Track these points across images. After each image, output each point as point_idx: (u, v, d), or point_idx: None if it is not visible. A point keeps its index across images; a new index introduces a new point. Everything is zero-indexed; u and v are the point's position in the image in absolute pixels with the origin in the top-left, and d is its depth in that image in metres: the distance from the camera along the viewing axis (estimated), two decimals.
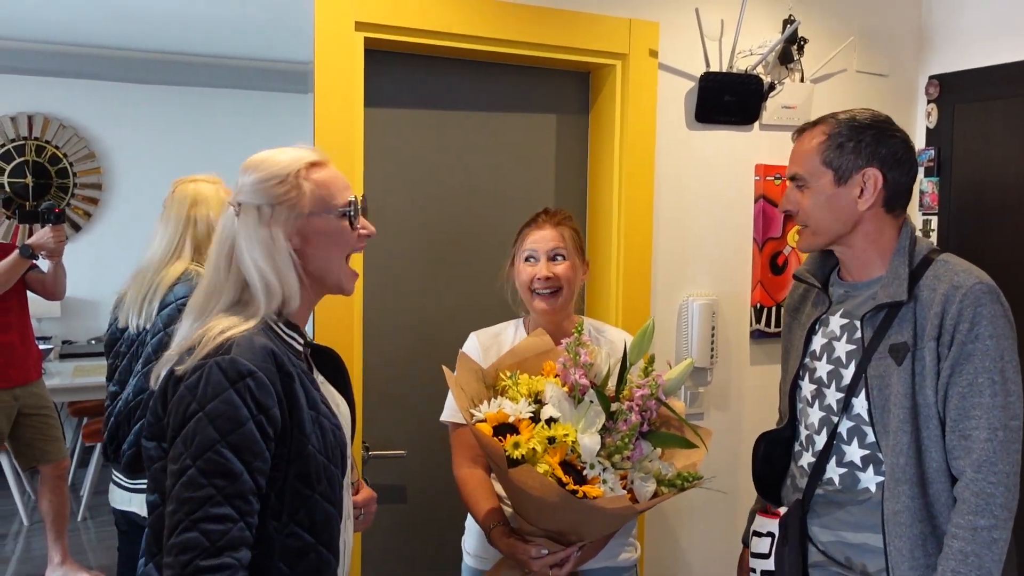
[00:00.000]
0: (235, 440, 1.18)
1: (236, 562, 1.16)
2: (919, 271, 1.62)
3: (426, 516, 2.41)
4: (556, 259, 1.88)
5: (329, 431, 1.32)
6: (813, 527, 1.71)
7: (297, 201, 1.32)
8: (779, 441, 1.82)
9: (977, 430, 1.51)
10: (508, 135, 2.48)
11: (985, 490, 1.49)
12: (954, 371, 1.54)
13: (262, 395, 1.21)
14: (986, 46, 2.69)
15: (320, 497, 1.28)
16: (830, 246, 1.73)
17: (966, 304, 1.53)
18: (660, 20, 2.45)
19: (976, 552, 1.48)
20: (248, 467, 1.19)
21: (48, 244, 3.51)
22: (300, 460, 1.26)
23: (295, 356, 1.34)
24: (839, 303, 1.74)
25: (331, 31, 2.07)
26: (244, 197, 1.33)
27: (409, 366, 2.36)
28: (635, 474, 1.62)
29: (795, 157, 1.73)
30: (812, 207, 1.68)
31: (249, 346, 1.24)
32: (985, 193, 2.71)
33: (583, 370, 1.61)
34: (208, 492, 1.16)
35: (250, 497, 1.19)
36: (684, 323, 2.56)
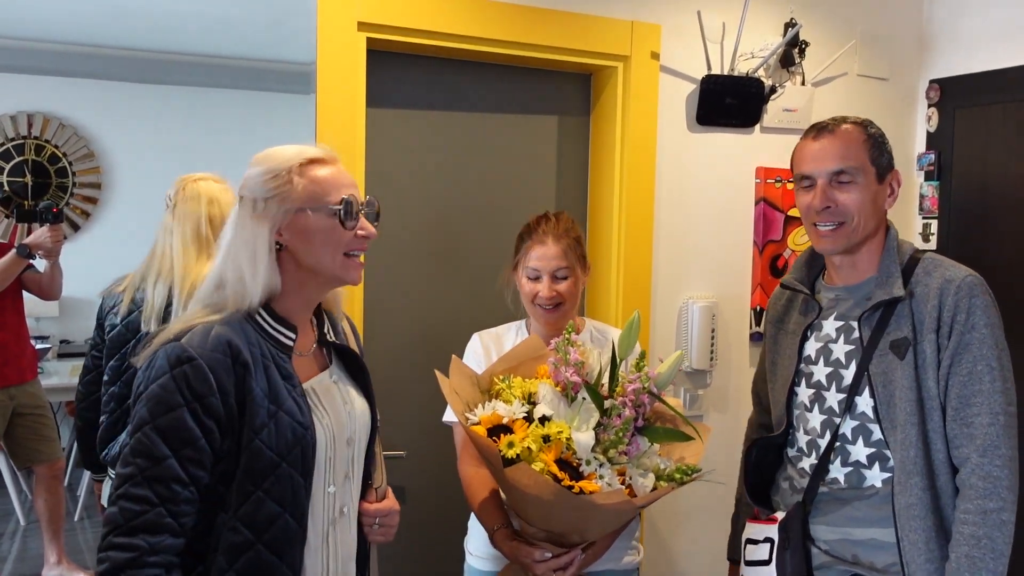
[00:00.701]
0: (163, 424, 1.20)
1: (147, 546, 1.17)
2: (908, 269, 1.67)
3: (426, 516, 2.41)
4: (558, 279, 1.88)
5: (288, 428, 1.29)
6: (816, 527, 1.71)
7: (287, 196, 1.33)
8: (771, 448, 1.83)
9: (979, 416, 1.54)
10: (510, 136, 2.48)
11: (992, 473, 1.52)
12: (954, 360, 1.58)
13: (198, 383, 1.22)
14: (986, 51, 2.70)
15: (265, 495, 1.26)
16: (852, 247, 1.71)
17: (961, 296, 1.58)
18: (662, 22, 2.45)
19: (988, 535, 1.50)
20: (176, 453, 1.20)
21: (46, 244, 3.49)
22: (248, 454, 1.25)
23: (278, 348, 1.33)
24: (830, 307, 1.76)
25: (333, 31, 2.07)
26: (245, 191, 1.36)
27: (409, 366, 2.36)
28: (633, 470, 1.62)
29: (836, 152, 1.68)
30: (859, 202, 1.66)
31: (203, 335, 1.25)
32: (985, 197, 2.72)
33: (574, 368, 1.62)
34: (131, 471, 1.19)
35: (173, 485, 1.19)
36: (684, 325, 2.56)
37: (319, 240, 1.35)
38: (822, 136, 1.71)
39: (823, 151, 1.69)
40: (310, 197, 1.34)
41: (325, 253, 1.36)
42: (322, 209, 1.34)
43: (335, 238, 1.35)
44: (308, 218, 1.34)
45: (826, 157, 1.68)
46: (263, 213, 1.33)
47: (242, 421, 1.25)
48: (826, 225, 1.69)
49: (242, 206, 1.35)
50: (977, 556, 1.50)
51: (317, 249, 1.35)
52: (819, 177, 1.69)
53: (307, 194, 1.34)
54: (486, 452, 1.57)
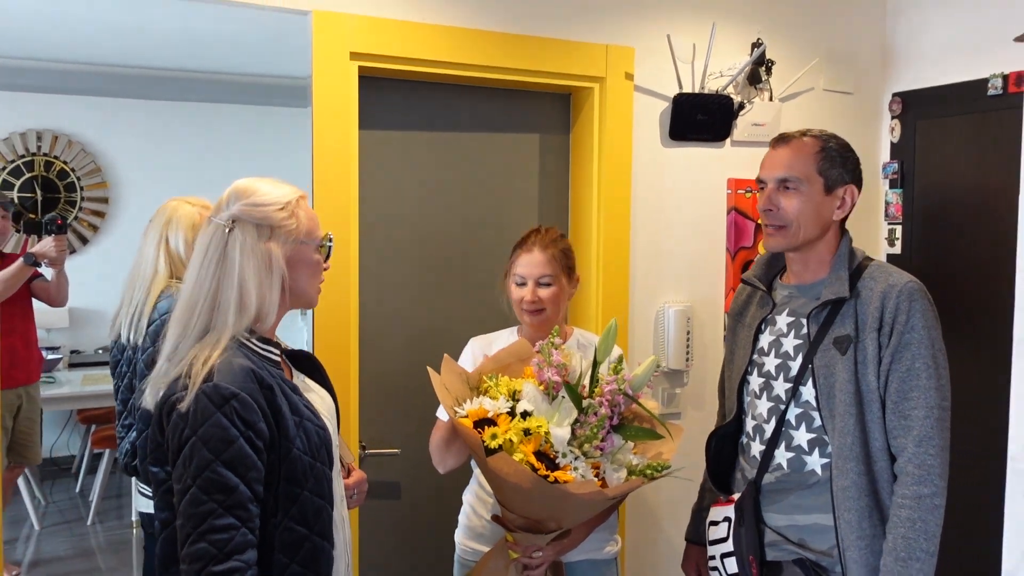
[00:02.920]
0: (228, 458, 1.31)
1: (243, 564, 1.31)
2: (856, 274, 1.83)
3: (420, 511, 2.57)
4: (542, 285, 2.04)
5: (313, 432, 1.45)
6: (767, 513, 1.87)
7: (295, 229, 1.48)
8: (727, 436, 2.00)
9: (916, 409, 1.71)
10: (494, 154, 2.65)
11: (926, 462, 1.68)
12: (894, 358, 1.74)
13: (247, 413, 1.34)
14: (945, 65, 2.87)
15: (309, 493, 1.42)
16: (796, 249, 1.88)
17: (902, 299, 1.75)
18: (635, 46, 2.63)
19: (922, 518, 1.67)
20: (243, 479, 1.32)
21: (50, 253, 3.71)
22: (288, 463, 1.39)
23: (274, 367, 1.47)
24: (783, 304, 1.93)
25: (327, 61, 2.24)
26: (240, 216, 1.45)
27: (402, 369, 2.53)
28: (607, 464, 1.79)
29: (784, 161, 1.85)
30: (799, 209, 1.82)
31: (229, 369, 1.37)
32: (945, 203, 2.88)
33: (555, 369, 1.78)
34: (210, 507, 1.30)
35: (248, 505, 1.33)
36: (661, 328, 2.72)
37: (308, 271, 1.52)
38: (779, 145, 1.89)
39: (775, 159, 1.88)
40: (308, 232, 1.51)
41: (311, 282, 1.54)
42: (312, 244, 1.52)
43: (317, 270, 1.54)
44: (306, 250, 1.51)
45: (776, 165, 1.87)
46: (272, 239, 1.46)
47: (279, 436, 1.39)
48: (769, 226, 1.88)
49: (244, 232, 1.44)
50: (911, 537, 1.67)
51: (306, 277, 1.52)
52: (768, 182, 1.88)
53: (306, 229, 1.50)
54: (470, 442, 1.74)
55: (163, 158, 6.23)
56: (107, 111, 6.13)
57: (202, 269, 1.45)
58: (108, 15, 4.31)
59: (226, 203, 1.48)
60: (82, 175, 6.16)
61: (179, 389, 1.37)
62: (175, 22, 4.42)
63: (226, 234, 1.45)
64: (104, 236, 6.25)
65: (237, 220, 1.45)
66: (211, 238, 1.46)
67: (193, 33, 4.71)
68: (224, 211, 1.47)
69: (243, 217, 1.45)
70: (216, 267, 1.44)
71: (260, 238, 1.45)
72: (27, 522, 4.92)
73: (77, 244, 6.14)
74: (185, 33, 4.70)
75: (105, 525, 5.05)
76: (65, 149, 6.09)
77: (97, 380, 5.16)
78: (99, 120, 6.14)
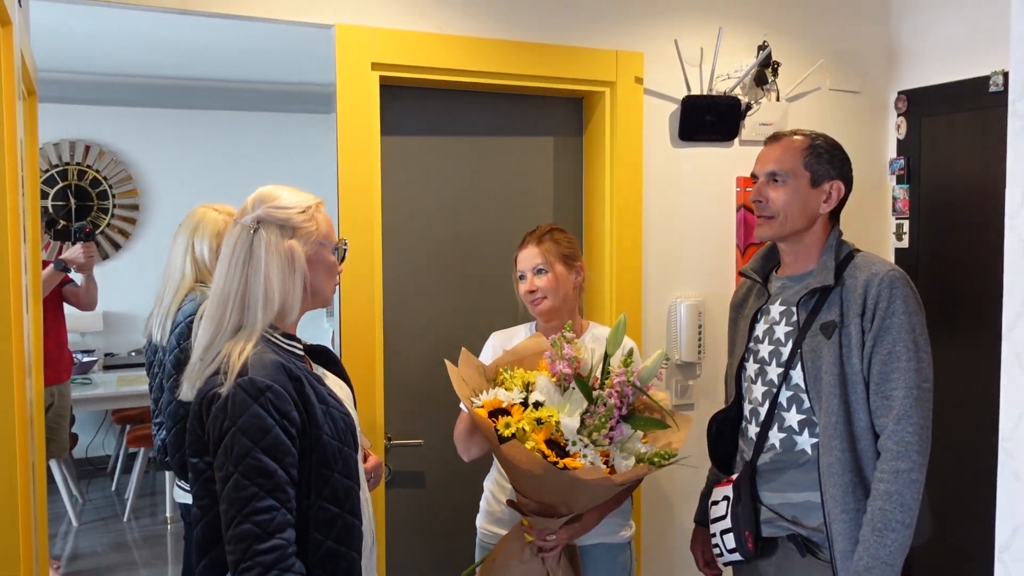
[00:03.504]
0: (266, 445, 1.42)
1: (285, 542, 1.41)
2: (843, 264, 1.95)
3: (443, 499, 2.69)
4: (539, 274, 2.16)
5: (339, 419, 1.56)
6: (763, 492, 1.98)
7: (314, 231, 1.59)
8: (727, 420, 2.11)
9: (896, 390, 1.80)
10: (510, 157, 2.76)
11: (904, 439, 1.78)
12: (876, 342, 1.84)
13: (280, 403, 1.45)
14: (948, 64, 2.93)
15: (339, 474, 1.52)
16: (784, 239, 2.01)
17: (883, 287, 1.85)
18: (644, 50, 2.72)
19: (899, 491, 1.77)
20: (280, 464, 1.43)
21: (79, 259, 3.91)
22: (318, 448, 1.50)
23: (299, 360, 1.58)
24: (777, 294, 2.05)
25: (350, 72, 2.36)
26: (265, 218, 1.56)
27: (424, 364, 2.64)
28: (616, 452, 1.89)
29: (774, 156, 1.99)
30: (786, 201, 1.95)
31: (261, 364, 1.47)
32: (951, 197, 2.95)
33: (567, 361, 1.89)
34: (252, 491, 1.40)
35: (286, 487, 1.43)
36: (673, 322, 2.82)
37: (325, 272, 1.63)
38: (771, 143, 2.04)
39: (766, 155, 2.03)
40: (325, 235, 1.62)
41: (328, 282, 1.65)
42: (329, 246, 1.63)
43: (333, 271, 1.65)
44: (324, 251, 1.62)
45: (766, 160, 2.02)
46: (296, 239, 1.57)
47: (309, 423, 1.50)
48: (760, 216, 2.01)
49: (268, 232, 1.55)
50: (888, 509, 1.76)
51: (324, 278, 1.63)
52: (760, 176, 2.02)
53: (323, 232, 1.62)
54: (485, 430, 1.85)
55: (191, 165, 6.38)
56: (138, 121, 6.31)
57: (231, 269, 1.55)
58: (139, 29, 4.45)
59: (251, 207, 1.59)
60: (114, 183, 6.34)
61: (217, 384, 1.48)
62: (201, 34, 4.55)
63: (251, 235, 1.55)
64: (135, 242, 6.42)
65: (262, 221, 1.56)
66: (237, 239, 1.56)
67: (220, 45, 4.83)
68: (249, 214, 1.57)
69: (267, 219, 1.56)
70: (243, 266, 1.54)
71: (283, 237, 1.55)
72: (65, 519, 5.09)
73: (109, 250, 6.32)
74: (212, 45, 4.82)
75: (140, 521, 5.21)
76: (97, 158, 6.27)
77: (131, 381, 5.31)
78: (130, 130, 6.32)
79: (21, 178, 1.80)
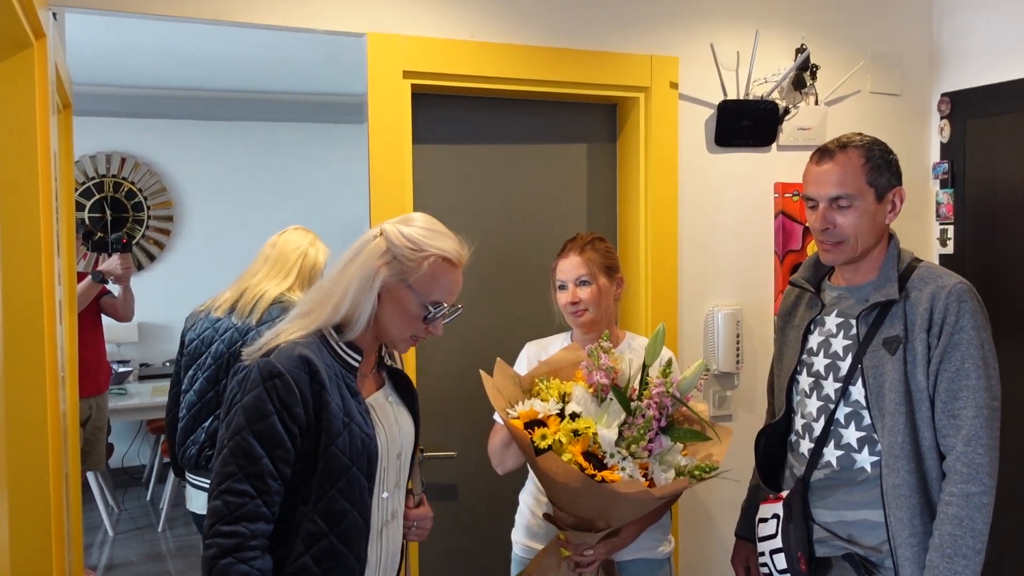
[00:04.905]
0: (259, 429, 1.40)
1: (248, 532, 1.37)
2: (905, 275, 1.85)
3: (476, 512, 2.65)
4: (582, 285, 2.11)
5: (358, 437, 1.50)
6: (816, 509, 1.90)
7: (410, 271, 1.55)
8: (776, 435, 2.03)
9: (965, 409, 1.72)
10: (544, 164, 2.73)
11: (974, 460, 1.70)
12: (943, 358, 1.75)
13: (286, 395, 1.42)
14: (992, 64, 2.86)
15: (338, 493, 1.47)
16: (854, 260, 1.89)
17: (951, 300, 1.76)
18: (679, 55, 2.68)
19: (969, 516, 1.68)
20: (268, 453, 1.40)
21: (116, 270, 3.93)
22: (326, 458, 1.45)
23: (347, 371, 1.54)
24: (833, 305, 1.95)
25: (382, 80, 2.34)
26: (390, 234, 1.56)
27: (457, 375, 2.61)
28: (655, 465, 1.84)
29: (834, 179, 1.84)
30: (858, 225, 1.83)
31: (288, 353, 1.46)
32: (997, 202, 2.87)
33: (604, 372, 1.84)
34: (232, 469, 1.39)
35: (268, 479, 1.40)
36: (711, 332, 2.76)
37: (400, 315, 1.57)
38: (824, 161, 1.87)
39: (823, 176, 1.86)
40: (421, 285, 1.56)
41: (399, 327, 1.59)
42: (419, 298, 1.56)
43: (412, 324, 1.59)
44: (407, 296, 1.56)
45: (826, 182, 1.85)
46: (388, 264, 1.54)
47: (319, 429, 1.46)
48: (827, 243, 1.88)
49: (376, 246, 1.55)
50: (958, 534, 1.68)
51: (396, 320, 1.58)
52: (820, 200, 1.87)
53: (422, 282, 1.55)
54: (521, 442, 1.81)
55: (224, 177, 6.43)
56: (172, 133, 6.36)
57: (342, 261, 1.58)
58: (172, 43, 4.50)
59: (397, 219, 1.61)
60: (148, 195, 6.40)
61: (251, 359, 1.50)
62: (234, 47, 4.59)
63: (372, 239, 1.57)
64: (170, 253, 6.47)
65: (384, 233, 1.57)
66: (365, 237, 1.58)
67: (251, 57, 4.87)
68: (388, 222, 1.60)
69: (388, 234, 1.56)
70: (347, 263, 1.56)
71: (381, 258, 1.54)
72: (101, 528, 5.12)
73: (144, 261, 6.38)
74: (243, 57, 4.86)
75: (175, 531, 5.22)
76: (132, 170, 6.34)
77: (166, 391, 5.23)
78: (164, 142, 6.37)
79: (55, 191, 1.80)
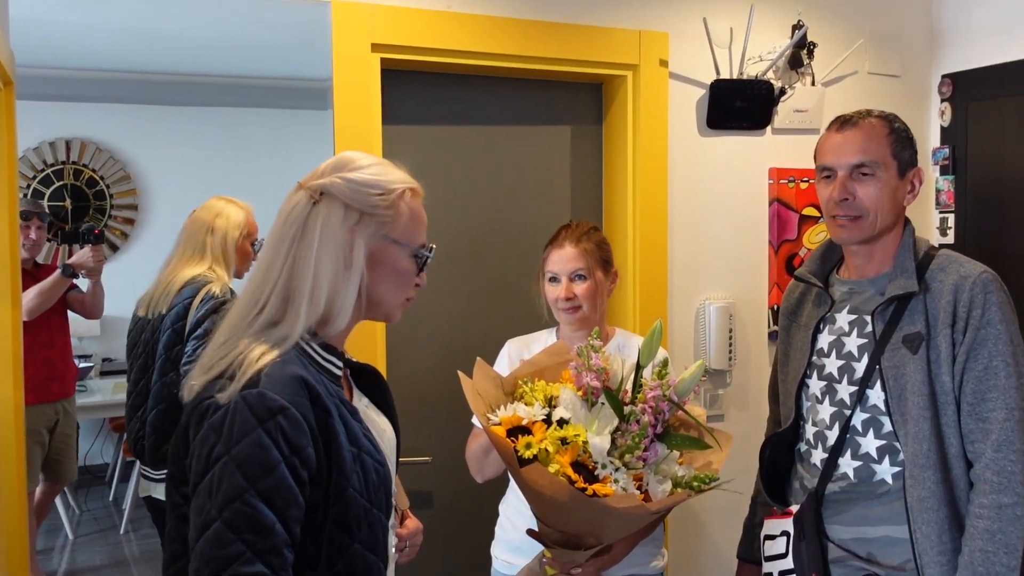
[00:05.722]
0: (265, 487, 1.05)
1: None
2: (923, 265, 1.68)
3: (453, 522, 2.47)
4: (576, 279, 1.94)
5: (372, 470, 1.19)
6: (830, 525, 1.72)
7: (391, 222, 1.23)
8: (783, 445, 1.85)
9: (995, 411, 1.55)
10: (524, 147, 2.54)
11: (1006, 468, 1.53)
12: (969, 356, 1.58)
13: (294, 434, 1.08)
14: (997, 44, 2.71)
15: (361, 546, 1.16)
16: (868, 240, 1.72)
17: (976, 292, 1.59)
18: (669, 30, 2.50)
19: (1002, 529, 1.52)
20: (281, 516, 1.06)
21: (88, 263, 3.65)
22: (339, 504, 1.13)
23: (333, 382, 1.21)
24: (843, 300, 1.77)
25: (348, 54, 2.15)
26: (332, 189, 1.21)
27: (431, 374, 2.43)
28: (650, 475, 1.66)
29: (857, 144, 1.68)
30: (879, 198, 1.67)
31: (280, 377, 1.11)
32: (1001, 189, 2.72)
33: (595, 373, 1.67)
34: (238, 548, 1.03)
35: (284, 551, 1.06)
36: (702, 326, 2.60)
37: (393, 279, 1.27)
38: (845, 128, 1.71)
39: (845, 143, 1.69)
40: (405, 232, 1.26)
41: (394, 293, 1.28)
42: (407, 248, 1.26)
43: (406, 283, 1.29)
44: (395, 253, 1.25)
45: (847, 150, 1.69)
46: (359, 227, 1.21)
47: (329, 469, 1.13)
48: (844, 217, 1.70)
49: (330, 208, 1.20)
50: (991, 550, 1.52)
51: (390, 286, 1.27)
52: (839, 169, 1.70)
53: (406, 228, 1.26)
54: (504, 452, 1.63)
55: (190, 163, 6.22)
56: (135, 118, 6.14)
57: (278, 246, 1.20)
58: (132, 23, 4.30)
59: (324, 171, 1.24)
60: (111, 183, 6.17)
61: (216, 391, 1.10)
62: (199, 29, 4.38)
63: (309, 206, 1.20)
64: (134, 243, 6.26)
65: (326, 192, 1.21)
66: (294, 207, 1.21)
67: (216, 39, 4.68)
68: (317, 179, 1.22)
69: (333, 191, 1.20)
70: (291, 245, 1.19)
71: (345, 221, 1.20)
72: (62, 532, 4.93)
73: (107, 252, 6.14)
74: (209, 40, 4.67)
75: (139, 533, 5.04)
76: (94, 157, 6.11)
77: None
78: (127, 127, 6.15)
79: None
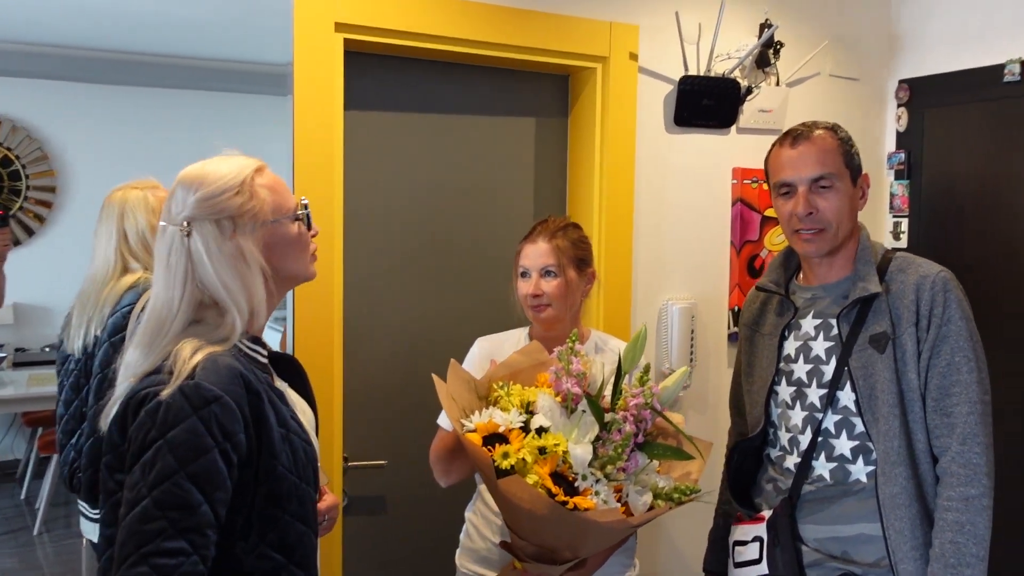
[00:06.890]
0: (196, 470, 1.13)
1: None
2: (882, 267, 1.73)
3: (409, 527, 2.36)
4: (547, 276, 1.86)
5: (300, 448, 1.29)
6: (804, 527, 1.72)
7: (259, 210, 1.30)
8: (750, 451, 1.85)
9: (958, 406, 1.60)
10: (488, 138, 2.44)
11: (971, 461, 1.58)
12: (933, 353, 1.64)
13: (228, 421, 1.17)
14: (952, 52, 2.73)
15: (291, 517, 1.26)
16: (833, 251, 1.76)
17: (936, 290, 1.65)
18: (640, 23, 2.44)
19: (971, 520, 1.56)
20: (208, 498, 1.14)
21: None
22: (269, 481, 1.23)
23: (261, 370, 1.31)
24: (807, 307, 1.79)
25: (310, 32, 2.02)
26: (195, 214, 1.27)
27: (389, 373, 2.32)
28: (630, 487, 1.59)
29: (815, 159, 1.72)
30: (840, 208, 1.71)
31: (215, 369, 1.20)
32: (954, 195, 2.75)
33: (575, 379, 1.59)
34: (161, 525, 1.10)
35: (207, 531, 1.14)
36: (664, 327, 2.55)
37: (291, 249, 1.35)
38: (799, 143, 1.74)
39: (801, 158, 1.73)
40: (276, 207, 1.33)
41: (300, 259, 1.38)
42: (286, 218, 1.34)
43: (304, 242, 1.37)
44: (280, 229, 1.33)
45: (805, 164, 1.72)
46: (238, 232, 1.28)
47: (259, 451, 1.22)
48: (808, 231, 1.73)
49: (203, 232, 1.26)
50: (961, 541, 1.55)
51: (293, 257, 1.36)
52: (800, 184, 1.73)
53: (274, 204, 1.32)
54: (479, 461, 1.54)
55: (116, 146, 5.94)
56: (56, 95, 5.81)
57: (171, 286, 1.26)
58: None
59: (177, 202, 1.29)
60: (27, 163, 5.82)
61: (155, 383, 1.19)
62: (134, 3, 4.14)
63: (185, 239, 1.27)
64: (51, 227, 5.93)
65: (193, 221, 1.27)
66: (170, 248, 1.27)
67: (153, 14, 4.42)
68: (176, 212, 1.28)
69: (198, 216, 1.27)
70: (185, 279, 1.26)
71: (223, 234, 1.27)
72: None
73: (22, 236, 5.81)
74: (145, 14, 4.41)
75: (53, 534, 4.79)
76: (9, 135, 5.74)
77: (44, 380, 4.88)
78: (47, 104, 5.82)
79: None
